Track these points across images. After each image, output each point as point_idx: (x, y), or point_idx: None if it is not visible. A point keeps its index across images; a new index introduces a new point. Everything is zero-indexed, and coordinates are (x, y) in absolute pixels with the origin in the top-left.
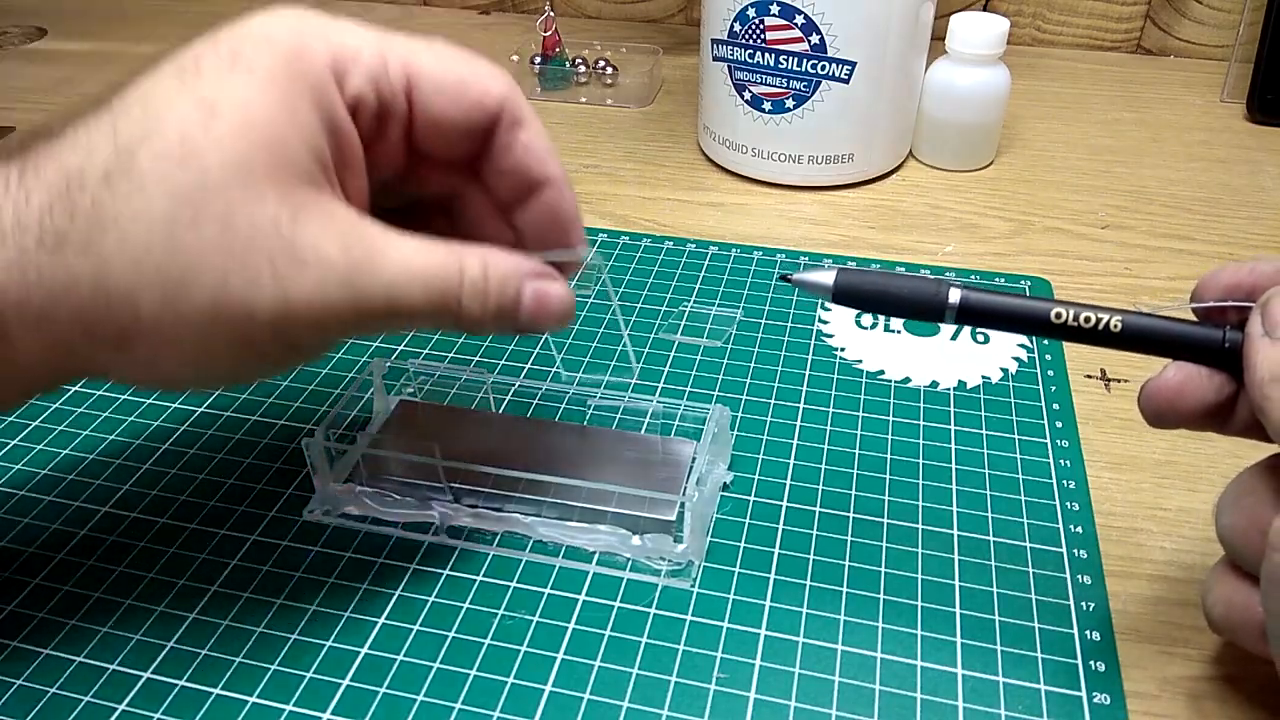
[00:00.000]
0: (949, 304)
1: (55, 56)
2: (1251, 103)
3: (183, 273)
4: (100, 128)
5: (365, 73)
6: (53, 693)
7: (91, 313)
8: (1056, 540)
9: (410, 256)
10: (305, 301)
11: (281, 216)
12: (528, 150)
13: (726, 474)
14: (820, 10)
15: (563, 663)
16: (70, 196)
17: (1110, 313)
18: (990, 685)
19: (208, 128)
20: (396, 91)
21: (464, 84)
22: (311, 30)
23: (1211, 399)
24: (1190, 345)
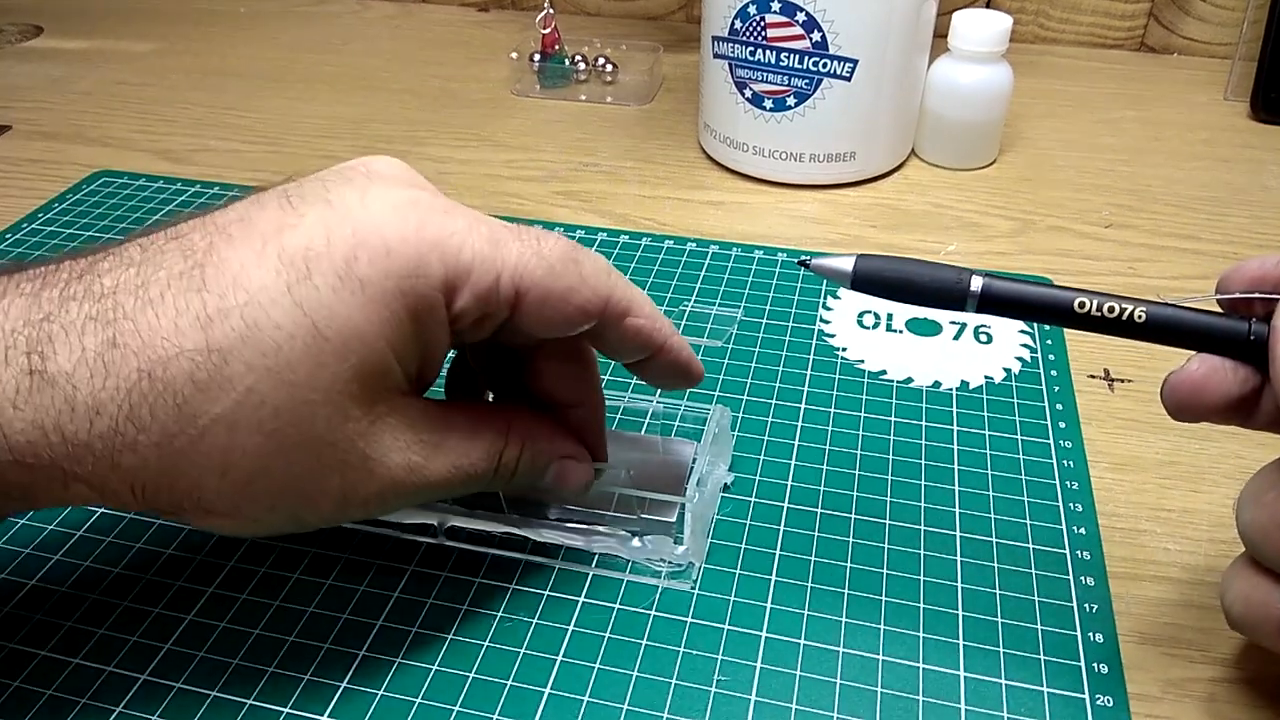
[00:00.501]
0: (971, 292)
1: (52, 54)
2: (1255, 101)
3: (257, 478)
4: (189, 305)
5: (475, 292)
6: (49, 694)
7: (153, 491)
8: (1059, 541)
9: (457, 457)
10: (362, 501)
11: (360, 430)
12: (638, 333)
13: (727, 475)
14: (822, 7)
15: (562, 665)
16: (154, 393)
17: (1134, 303)
18: (993, 687)
19: (311, 350)
20: (503, 306)
21: (569, 293)
22: (430, 240)
23: (1235, 392)
24: (1215, 337)
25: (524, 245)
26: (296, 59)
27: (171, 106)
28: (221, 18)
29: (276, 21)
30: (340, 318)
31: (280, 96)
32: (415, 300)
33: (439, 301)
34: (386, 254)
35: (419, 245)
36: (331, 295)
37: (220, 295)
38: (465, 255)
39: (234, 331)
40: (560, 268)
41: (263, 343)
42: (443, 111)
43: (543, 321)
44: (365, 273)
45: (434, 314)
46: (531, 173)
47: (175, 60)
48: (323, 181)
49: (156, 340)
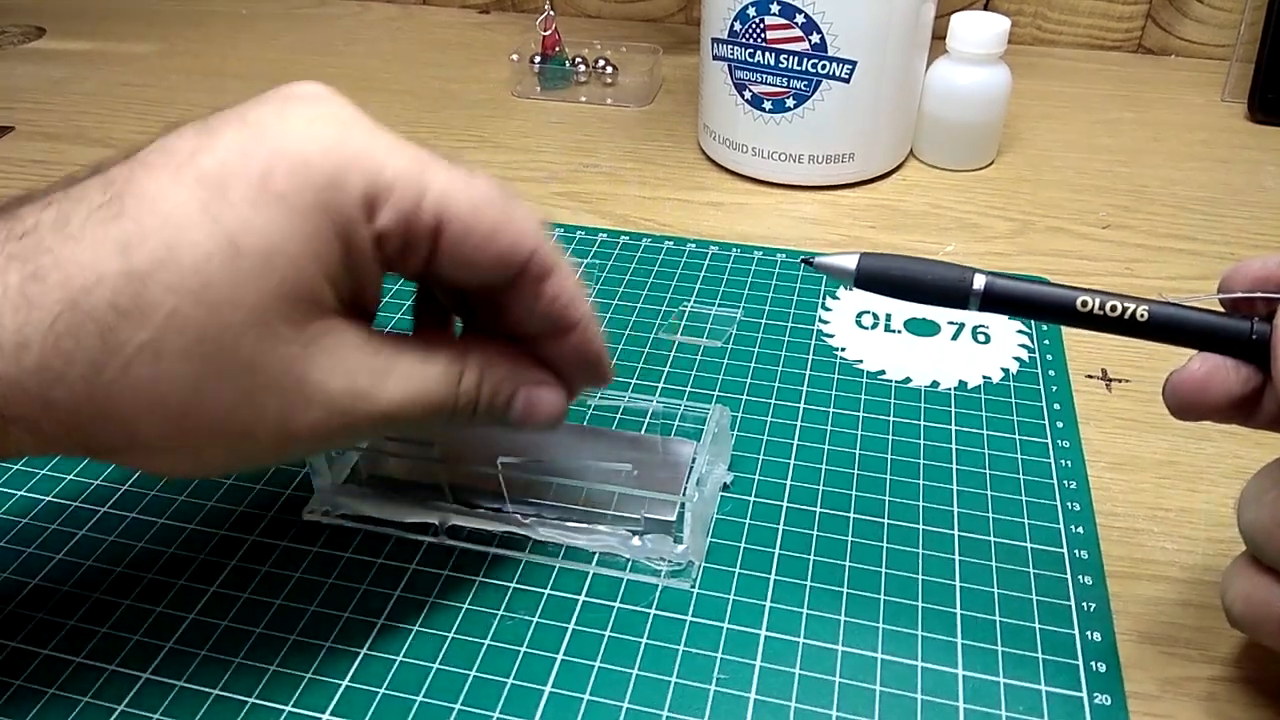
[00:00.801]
0: (974, 290)
1: (54, 56)
2: (1252, 102)
3: (185, 403)
4: (108, 233)
5: (397, 209)
6: (51, 693)
7: (88, 429)
8: (1057, 540)
9: (409, 381)
10: (307, 430)
11: (293, 353)
12: (554, 300)
13: (727, 474)
14: (821, 9)
15: (562, 663)
16: (77, 323)
17: (1137, 302)
18: (991, 686)
19: (232, 267)
20: (425, 231)
21: (494, 233)
22: (350, 153)
23: (1237, 391)
24: (1217, 336)
25: (452, 173)
26: (297, 60)
27: (173, 107)
28: (223, 19)
29: (278, 23)
30: (258, 232)
31: None
32: (336, 215)
33: (360, 218)
34: (305, 166)
35: (339, 158)
36: (249, 210)
37: (137, 220)
38: (387, 172)
39: (152, 255)
40: (487, 205)
41: (181, 264)
42: (443, 113)
43: (462, 260)
44: (282, 186)
45: (356, 231)
46: (532, 174)
47: (177, 61)
48: (240, 106)
49: (76, 270)
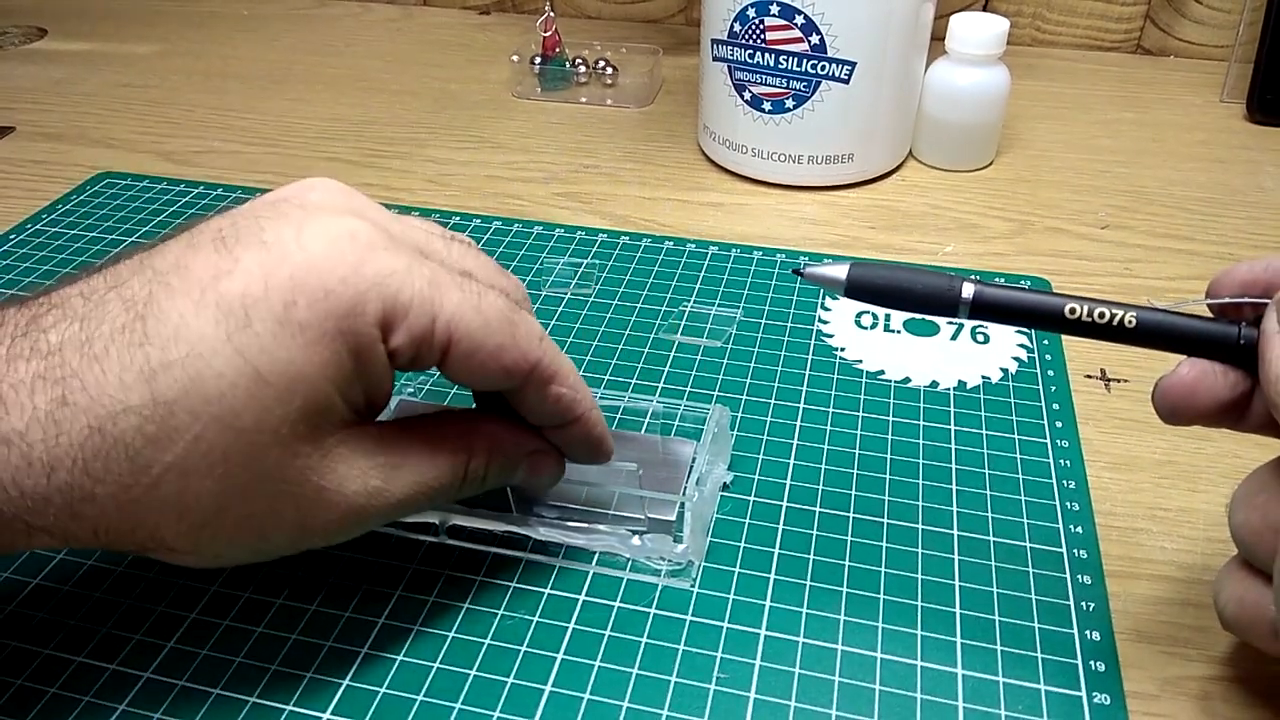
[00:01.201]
0: (962, 299)
1: (55, 56)
2: (1251, 103)
3: (211, 518)
4: (133, 360)
5: (410, 330)
6: (53, 692)
7: (114, 535)
8: (1056, 540)
9: (419, 474)
10: (322, 529)
11: (311, 464)
12: (558, 400)
13: (726, 474)
14: (820, 10)
15: (563, 663)
16: (105, 447)
17: (1124, 308)
18: (990, 685)
19: (254, 395)
20: (437, 348)
21: (500, 350)
22: (369, 280)
23: (1226, 396)
24: (1205, 341)
25: (464, 295)
26: (298, 61)
27: (174, 108)
28: (223, 20)
29: (278, 23)
30: (281, 362)
31: (282, 98)
32: (354, 339)
33: (376, 337)
34: (325, 296)
35: (357, 285)
36: (271, 341)
37: (162, 348)
38: (404, 296)
39: (177, 383)
40: (495, 325)
41: (206, 392)
42: (443, 113)
43: (469, 372)
44: (304, 317)
45: (373, 350)
46: (532, 174)
47: (177, 62)
48: (257, 219)
49: (104, 396)
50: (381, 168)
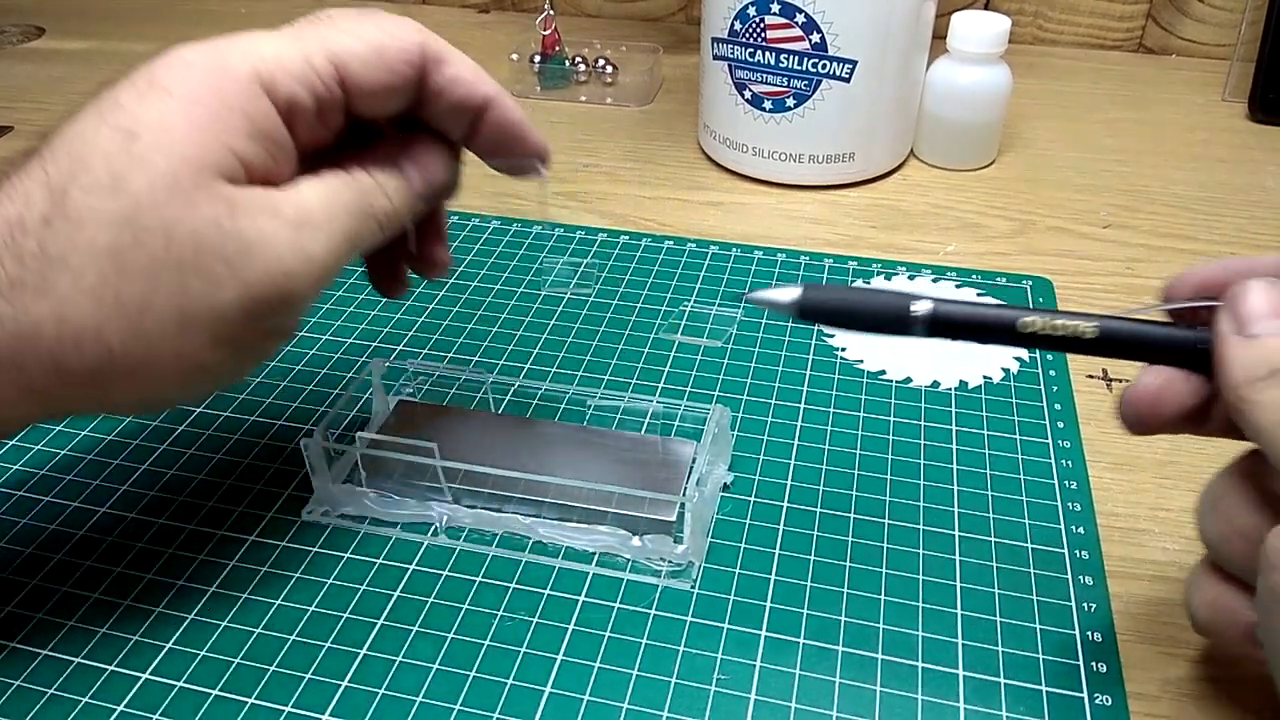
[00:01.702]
0: (916, 315)
1: (54, 55)
2: (1253, 102)
3: (142, 296)
4: (33, 175)
5: (293, 77)
6: (51, 693)
7: (61, 355)
8: (1058, 541)
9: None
10: (267, 280)
11: (219, 214)
12: (457, 81)
13: (727, 474)
14: (821, 9)
15: (562, 664)
16: (16, 244)
17: (1083, 319)
18: (992, 686)
19: (130, 152)
20: (329, 83)
21: (383, 48)
22: (229, 49)
23: (1190, 402)
24: (1164, 348)
25: (320, 26)
26: None
27: None
28: (222, 18)
29: (276, 22)
30: (146, 119)
31: None
32: (226, 95)
33: (255, 92)
34: (186, 65)
35: (220, 52)
36: (138, 106)
37: (53, 156)
38: (268, 50)
39: (65, 169)
40: (362, 30)
41: (92, 168)
42: None
43: (370, 84)
44: (168, 82)
45: (253, 105)
46: None
47: None
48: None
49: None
50: None
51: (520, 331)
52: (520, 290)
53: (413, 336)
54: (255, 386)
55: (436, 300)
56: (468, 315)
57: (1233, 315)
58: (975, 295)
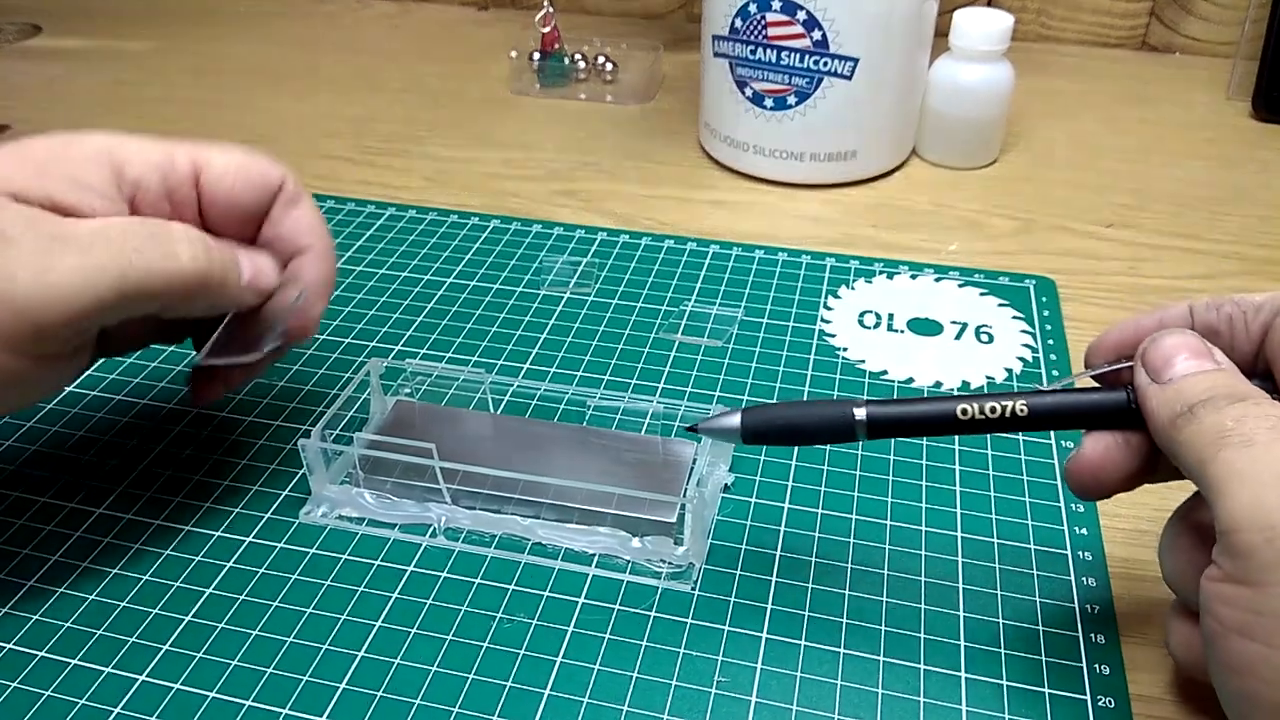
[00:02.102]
0: (857, 421)
1: (50, 53)
2: (1257, 100)
3: None
4: None
5: (146, 162)
6: (48, 695)
7: None
8: (1061, 542)
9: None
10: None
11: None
12: (298, 221)
13: (727, 475)
14: (822, 6)
15: (562, 666)
16: None
17: (1015, 399)
18: (994, 688)
19: None
20: (184, 179)
21: (245, 168)
22: (96, 134)
23: (1133, 465)
24: (1098, 413)
25: (201, 142)
26: (295, 57)
27: (170, 105)
28: (220, 16)
29: (276, 20)
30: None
31: (279, 95)
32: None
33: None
34: (47, 137)
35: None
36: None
37: None
38: (133, 145)
39: None
40: (234, 151)
41: None
42: (442, 110)
43: (224, 194)
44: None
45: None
46: (531, 172)
47: (174, 59)
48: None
49: None
50: (379, 165)
51: (519, 331)
52: (519, 290)
53: (411, 336)
54: (253, 386)
55: (435, 300)
56: (466, 315)
57: (1147, 368)
58: (978, 295)
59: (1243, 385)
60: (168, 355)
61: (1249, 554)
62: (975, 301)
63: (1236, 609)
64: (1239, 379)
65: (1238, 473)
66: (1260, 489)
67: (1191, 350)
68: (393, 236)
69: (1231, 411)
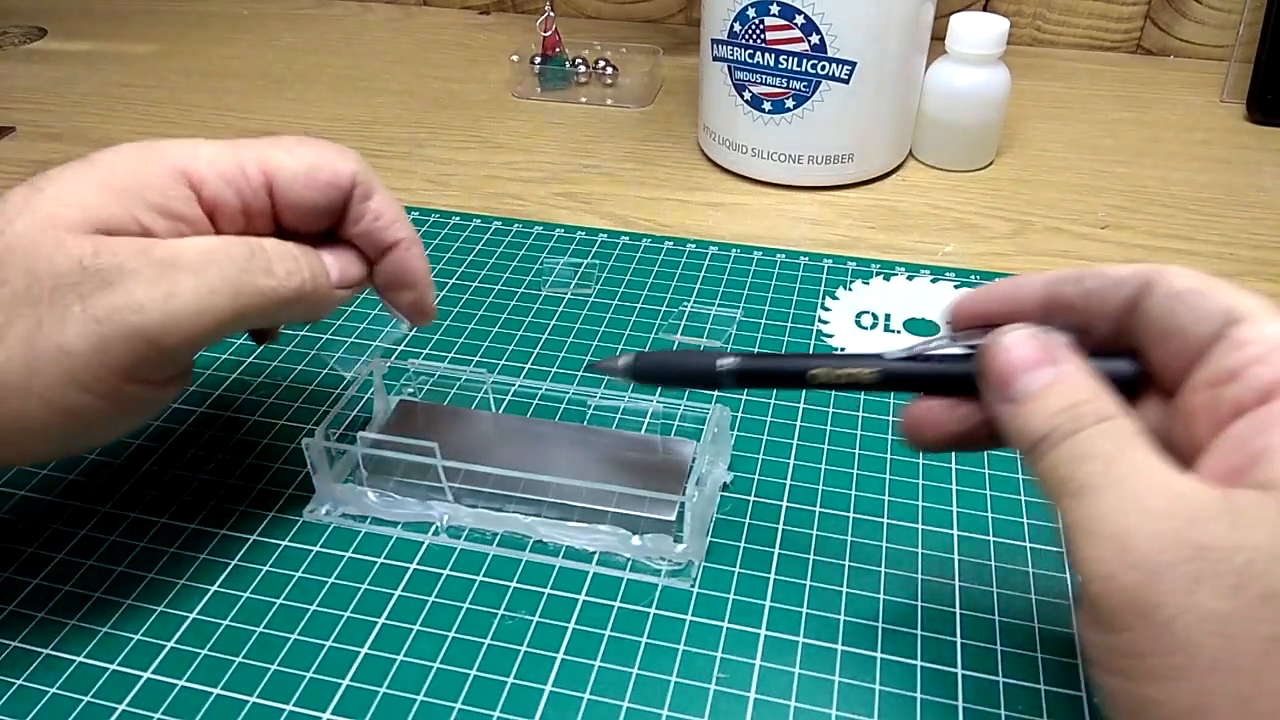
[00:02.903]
0: (721, 370)
1: (55, 56)
2: (1251, 103)
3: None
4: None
5: (220, 178)
6: (53, 692)
7: None
8: (1056, 539)
9: (215, 247)
10: (116, 316)
11: (84, 253)
12: (377, 216)
13: (726, 474)
14: (820, 10)
15: (563, 663)
16: None
17: (868, 363)
18: (990, 685)
19: (28, 201)
20: (257, 189)
21: (315, 169)
22: (168, 144)
23: (956, 427)
24: (947, 381)
25: (262, 141)
26: (298, 61)
27: (174, 108)
28: (223, 20)
29: (278, 23)
30: (61, 182)
31: (282, 98)
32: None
33: (172, 182)
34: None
35: (154, 146)
36: (61, 173)
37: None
38: (203, 153)
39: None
40: (300, 149)
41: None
42: (443, 113)
43: (297, 199)
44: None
45: (166, 193)
46: (532, 174)
47: (177, 62)
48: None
49: None
50: (382, 167)
51: (521, 332)
52: (521, 291)
53: (414, 337)
54: (257, 386)
55: (438, 301)
56: (469, 315)
57: (991, 381)
58: None
59: (1086, 400)
60: None
61: (1096, 602)
62: None
63: (1103, 651)
64: (1081, 387)
65: (1077, 523)
66: (1097, 543)
67: (1031, 360)
68: None
69: (1066, 450)
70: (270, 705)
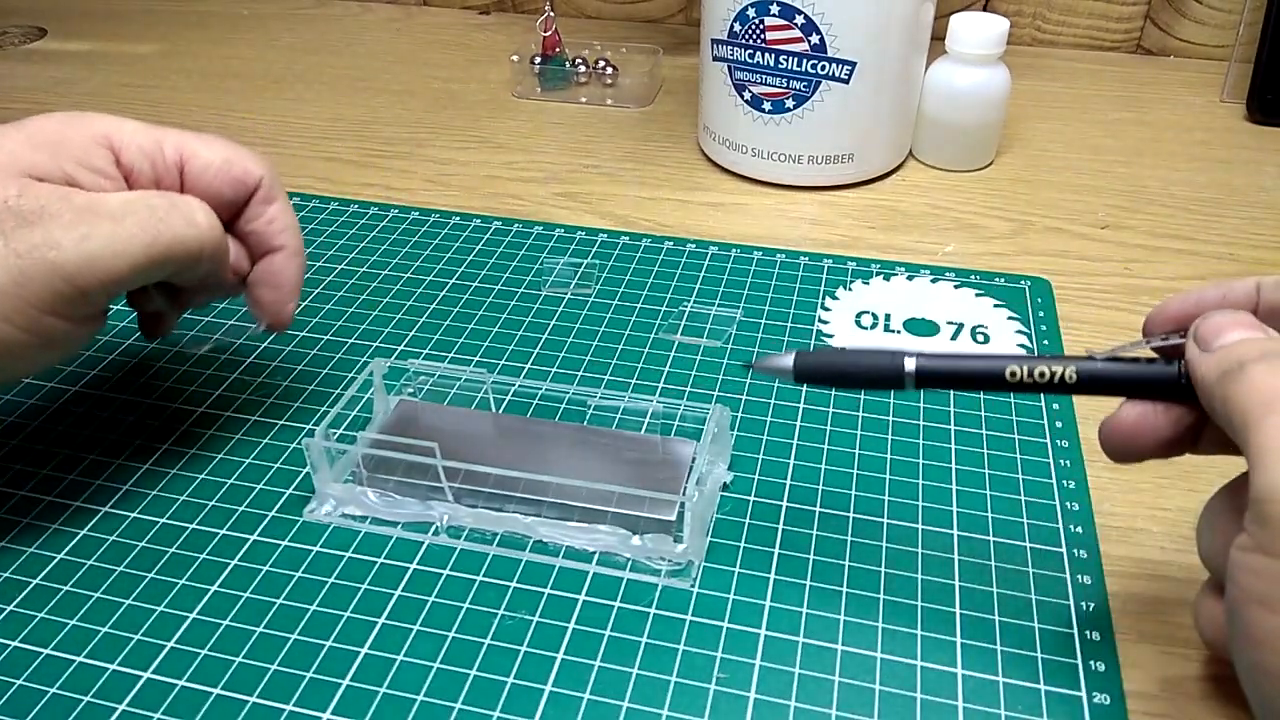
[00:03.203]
0: (907, 372)
1: (55, 56)
2: (1251, 103)
3: None
4: None
5: (139, 150)
6: (53, 693)
7: None
8: (1056, 540)
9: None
10: (35, 253)
11: (10, 194)
12: (272, 220)
13: (726, 474)
14: (820, 10)
15: (563, 663)
16: None
17: (1064, 364)
18: (990, 685)
19: None
20: (170, 167)
21: (230, 163)
22: (94, 115)
23: (1169, 433)
24: (1146, 384)
25: (188, 132)
26: (298, 61)
27: (174, 108)
28: (223, 20)
29: (278, 23)
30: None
31: (282, 98)
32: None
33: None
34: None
35: (80, 117)
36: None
37: None
38: (127, 127)
39: None
40: (218, 144)
41: None
42: (444, 113)
43: (209, 190)
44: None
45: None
46: (532, 174)
47: (177, 62)
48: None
49: None
50: (382, 168)
51: (521, 332)
52: (521, 291)
53: (414, 337)
54: (257, 386)
55: (437, 301)
56: (468, 316)
57: (1198, 342)
58: (974, 296)
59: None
60: (171, 356)
61: (1270, 521)
62: (971, 302)
63: (1260, 579)
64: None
65: (1263, 445)
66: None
67: (1245, 326)
68: (395, 238)
69: (1258, 374)
70: (270, 705)
